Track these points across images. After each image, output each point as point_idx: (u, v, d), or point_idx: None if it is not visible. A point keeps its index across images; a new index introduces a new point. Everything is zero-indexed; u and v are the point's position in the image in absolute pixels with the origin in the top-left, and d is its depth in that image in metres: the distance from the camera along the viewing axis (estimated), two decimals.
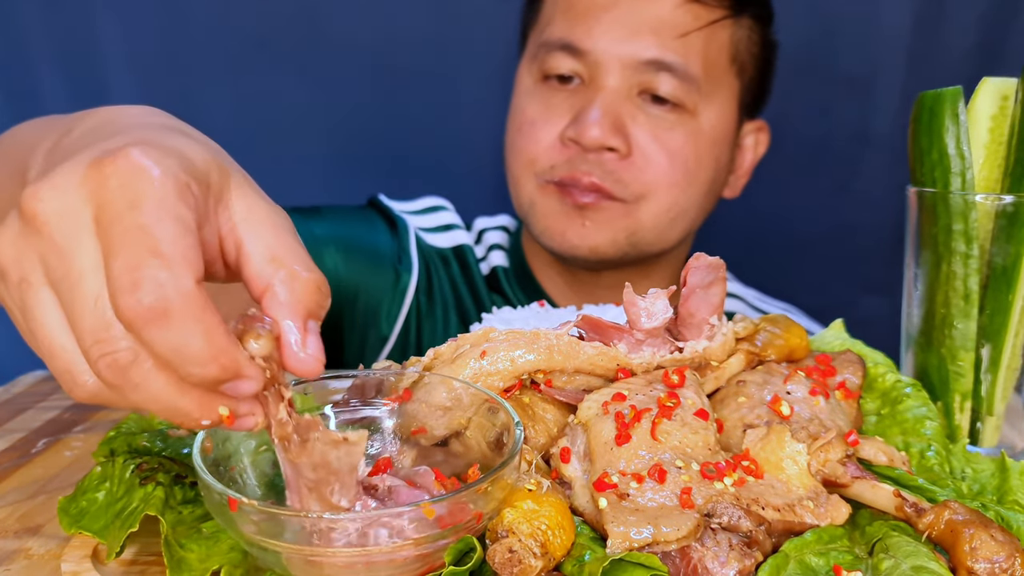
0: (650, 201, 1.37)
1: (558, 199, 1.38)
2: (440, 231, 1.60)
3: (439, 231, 1.60)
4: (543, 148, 1.39)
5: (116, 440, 0.78)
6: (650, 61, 1.33)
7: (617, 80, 1.34)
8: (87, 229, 0.50)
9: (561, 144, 1.37)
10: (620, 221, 1.37)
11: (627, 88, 1.35)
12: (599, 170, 1.34)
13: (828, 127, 2.00)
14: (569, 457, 0.69)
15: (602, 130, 1.31)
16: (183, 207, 0.50)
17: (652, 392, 0.71)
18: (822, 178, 2.04)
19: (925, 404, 0.82)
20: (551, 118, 1.39)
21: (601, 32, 1.35)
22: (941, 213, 0.86)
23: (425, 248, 1.55)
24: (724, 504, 0.63)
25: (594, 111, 1.32)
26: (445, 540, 0.58)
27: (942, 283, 0.87)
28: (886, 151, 1.95)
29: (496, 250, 1.62)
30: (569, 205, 1.37)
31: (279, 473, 0.70)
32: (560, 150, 1.37)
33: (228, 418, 0.54)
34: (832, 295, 2.02)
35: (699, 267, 0.78)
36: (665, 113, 1.36)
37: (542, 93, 1.41)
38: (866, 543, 0.64)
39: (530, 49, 1.47)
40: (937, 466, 0.75)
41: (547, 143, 1.38)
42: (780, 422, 0.73)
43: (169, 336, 0.48)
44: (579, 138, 1.33)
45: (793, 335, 0.85)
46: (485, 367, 0.74)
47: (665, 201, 1.38)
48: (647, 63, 1.33)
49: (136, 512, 0.67)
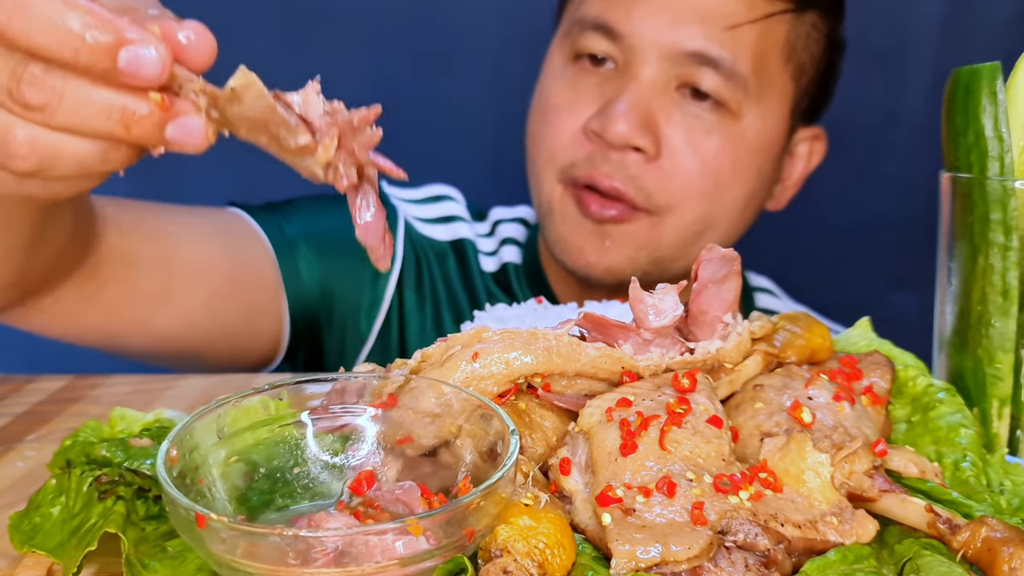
0: (677, 215, 1.34)
1: (576, 209, 1.36)
2: (439, 222, 1.59)
3: (438, 222, 1.58)
4: (565, 140, 1.36)
5: (73, 450, 0.78)
6: (692, 53, 1.30)
7: (654, 71, 1.31)
8: None
9: (584, 137, 1.34)
10: (641, 237, 1.35)
11: (664, 81, 1.32)
12: (621, 173, 1.31)
13: (853, 106, 1.99)
14: (569, 469, 0.69)
15: (629, 126, 1.28)
16: None
17: (660, 397, 0.71)
18: (846, 162, 2.03)
19: (960, 410, 0.82)
20: (577, 105, 1.36)
21: (641, 15, 1.31)
22: (977, 200, 0.86)
23: (417, 239, 1.54)
24: (739, 520, 0.63)
25: (622, 103, 1.29)
26: (433, 560, 0.58)
27: (978, 278, 0.87)
28: (917, 133, 1.95)
29: (509, 245, 1.60)
30: (589, 219, 1.35)
31: (251, 486, 0.71)
32: (582, 143, 1.34)
33: (161, 104, 0.59)
34: (858, 291, 2.02)
35: (711, 260, 0.78)
36: (704, 112, 1.32)
37: (571, 75, 1.39)
38: (895, 563, 0.64)
39: (563, 25, 1.44)
40: (973, 478, 0.75)
41: (570, 134, 1.36)
42: (801, 430, 0.72)
43: (35, 24, 0.55)
44: (603, 132, 1.30)
45: (815, 335, 0.85)
46: (478, 370, 0.74)
47: (691, 214, 1.35)
48: (689, 55, 1.30)
49: (95, 529, 0.66)
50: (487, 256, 1.60)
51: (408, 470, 0.72)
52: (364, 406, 0.74)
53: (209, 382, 1.18)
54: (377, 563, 0.56)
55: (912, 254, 1.91)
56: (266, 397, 0.73)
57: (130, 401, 1.08)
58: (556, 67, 1.42)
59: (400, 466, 0.72)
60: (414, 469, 0.72)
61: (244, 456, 0.71)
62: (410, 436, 0.72)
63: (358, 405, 0.74)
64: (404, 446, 0.72)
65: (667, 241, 1.36)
